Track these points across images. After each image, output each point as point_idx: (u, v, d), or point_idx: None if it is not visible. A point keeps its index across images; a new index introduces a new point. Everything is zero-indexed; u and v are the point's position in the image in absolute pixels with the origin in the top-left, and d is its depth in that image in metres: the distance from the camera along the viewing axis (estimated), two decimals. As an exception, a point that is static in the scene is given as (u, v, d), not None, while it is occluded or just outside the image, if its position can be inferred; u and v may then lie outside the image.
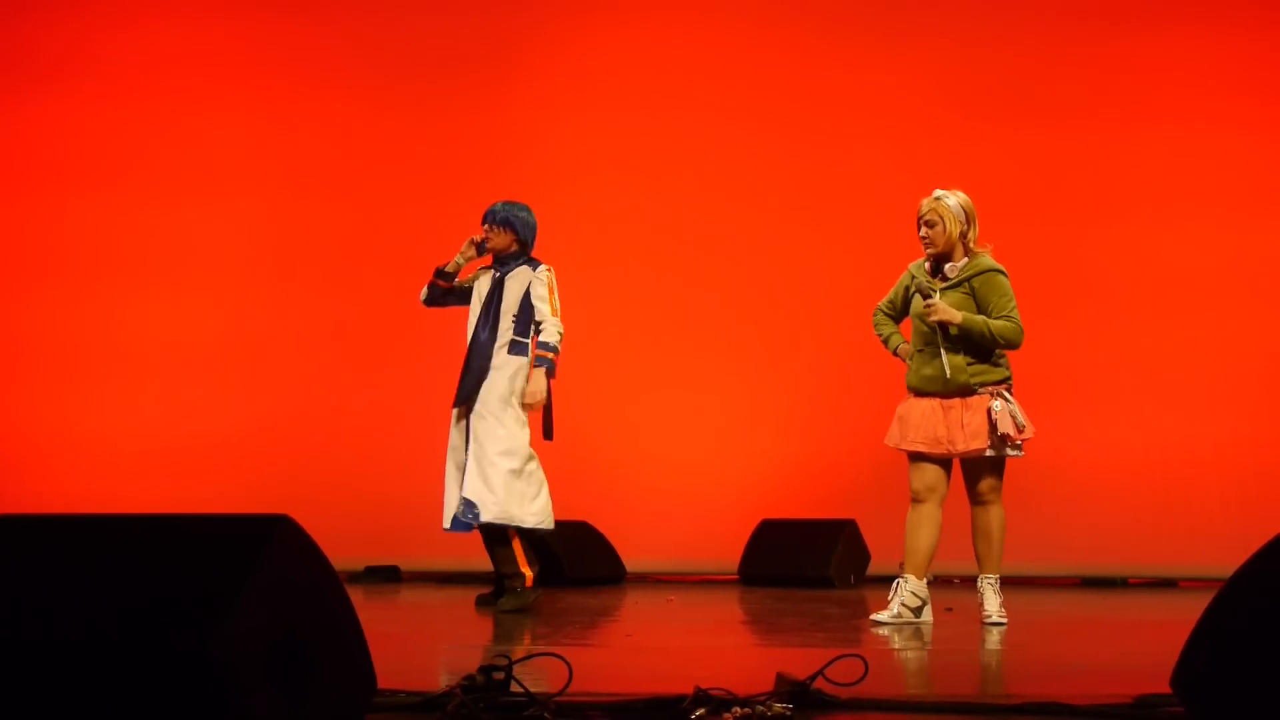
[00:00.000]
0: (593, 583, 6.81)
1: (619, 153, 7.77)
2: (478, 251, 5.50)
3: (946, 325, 4.68)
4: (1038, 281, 6.36)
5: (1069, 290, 7.28)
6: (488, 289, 5.47)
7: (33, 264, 7.96)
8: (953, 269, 4.79)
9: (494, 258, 5.50)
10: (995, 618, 4.68)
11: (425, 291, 5.60)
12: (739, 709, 2.45)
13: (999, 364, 4.78)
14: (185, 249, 7.88)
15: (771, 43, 7.79)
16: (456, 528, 5.30)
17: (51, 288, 7.92)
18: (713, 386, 7.60)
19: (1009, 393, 4.75)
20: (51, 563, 2.03)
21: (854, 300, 7.07)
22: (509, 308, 5.38)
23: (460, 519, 5.26)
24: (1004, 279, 4.77)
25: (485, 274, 5.53)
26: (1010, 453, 4.73)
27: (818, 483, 7.33)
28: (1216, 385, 7.21)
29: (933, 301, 4.69)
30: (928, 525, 4.75)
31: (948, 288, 4.78)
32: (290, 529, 2.06)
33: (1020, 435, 4.68)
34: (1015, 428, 4.66)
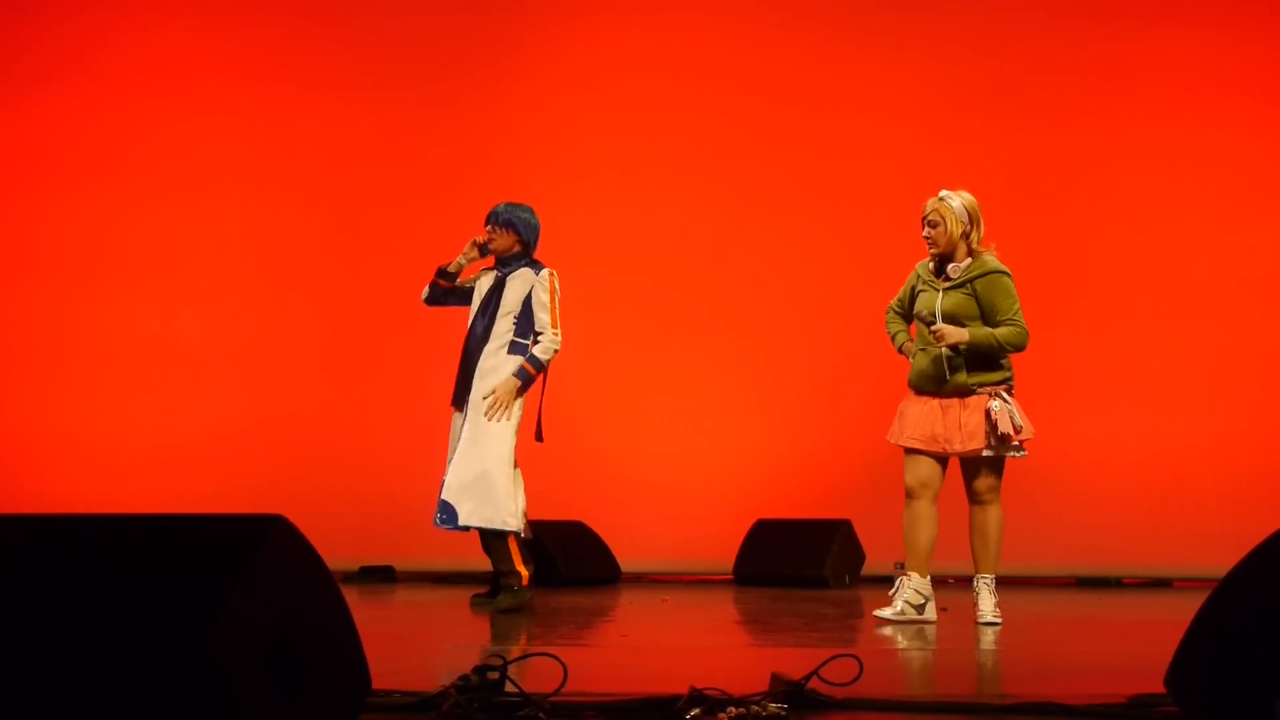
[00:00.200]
0: (588, 583, 6.81)
1: (616, 153, 7.77)
2: (480, 253, 5.47)
3: (956, 346, 4.70)
4: (1034, 281, 6.35)
5: (1065, 290, 7.28)
6: (488, 288, 5.44)
7: (31, 263, 7.96)
8: (956, 269, 4.80)
9: (496, 258, 5.48)
10: (990, 617, 4.69)
11: (426, 291, 5.57)
12: (734, 709, 2.45)
13: (999, 364, 4.79)
14: (182, 249, 7.89)
15: (770, 43, 7.79)
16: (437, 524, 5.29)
17: (49, 287, 7.92)
18: (708, 386, 7.61)
19: (1009, 393, 4.75)
20: (46, 563, 2.02)
21: (850, 301, 7.11)
22: (509, 309, 5.35)
23: (437, 523, 5.24)
24: (1008, 280, 4.78)
25: (487, 274, 5.51)
26: (1010, 453, 4.74)
27: (813, 483, 7.34)
28: (1212, 386, 7.22)
29: (937, 328, 4.70)
30: (925, 522, 4.78)
31: (950, 288, 4.79)
32: (285, 529, 2.06)
33: (1018, 435, 4.68)
34: (1013, 428, 4.66)
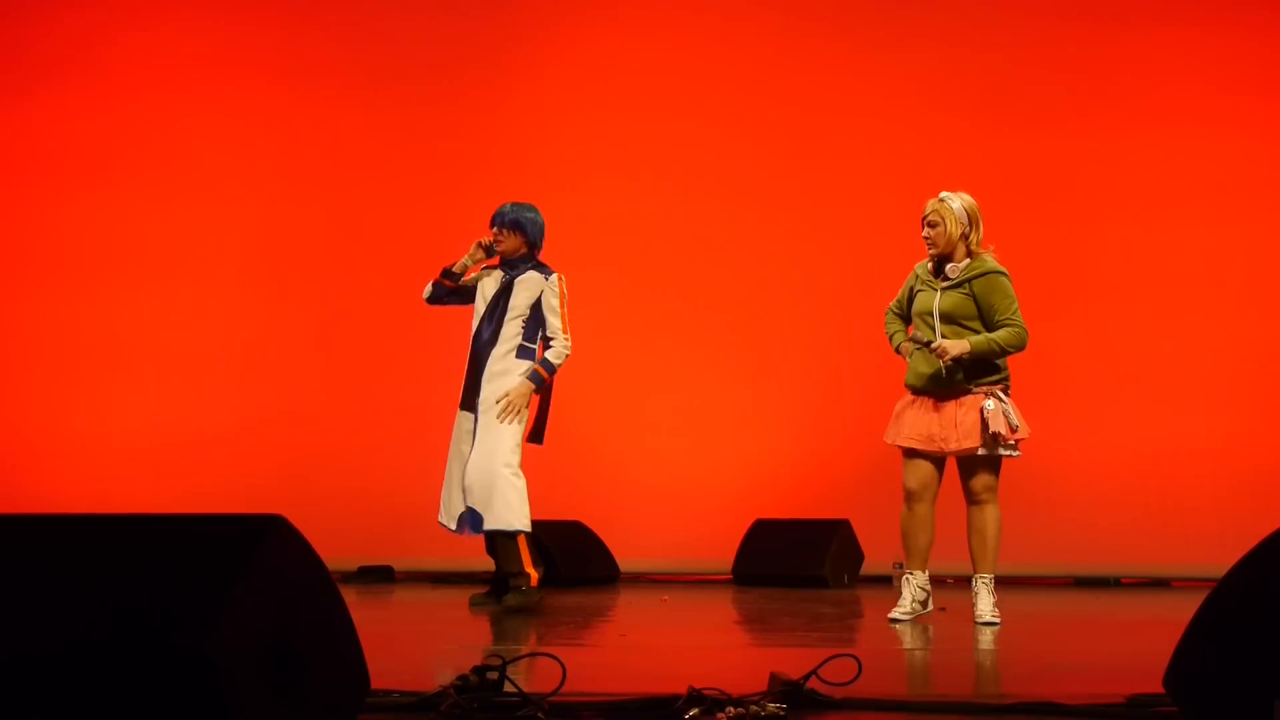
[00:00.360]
0: (587, 583, 6.81)
1: (614, 154, 7.77)
2: (486, 254, 5.43)
3: (959, 358, 4.71)
4: (1032, 281, 6.35)
5: (1064, 290, 7.28)
6: (494, 291, 5.38)
7: (31, 263, 7.96)
8: (954, 269, 4.82)
9: (501, 259, 5.45)
10: (988, 617, 4.69)
11: (429, 289, 5.51)
12: (733, 709, 2.45)
13: (995, 364, 4.79)
14: (181, 249, 7.88)
15: (769, 44, 7.79)
16: (462, 530, 5.32)
17: (49, 287, 7.92)
18: (707, 386, 7.60)
19: (1004, 392, 4.76)
20: (44, 563, 2.02)
21: (849, 301, 7.11)
22: (517, 312, 5.32)
23: (463, 527, 5.28)
24: (1006, 280, 4.79)
25: (490, 275, 5.45)
26: (1005, 453, 4.74)
27: (812, 483, 7.34)
28: (1210, 385, 7.22)
29: (937, 345, 4.72)
30: (925, 524, 4.82)
31: (949, 287, 4.81)
32: (283, 529, 2.06)
33: (1013, 435, 4.69)
34: (1008, 427, 4.67)
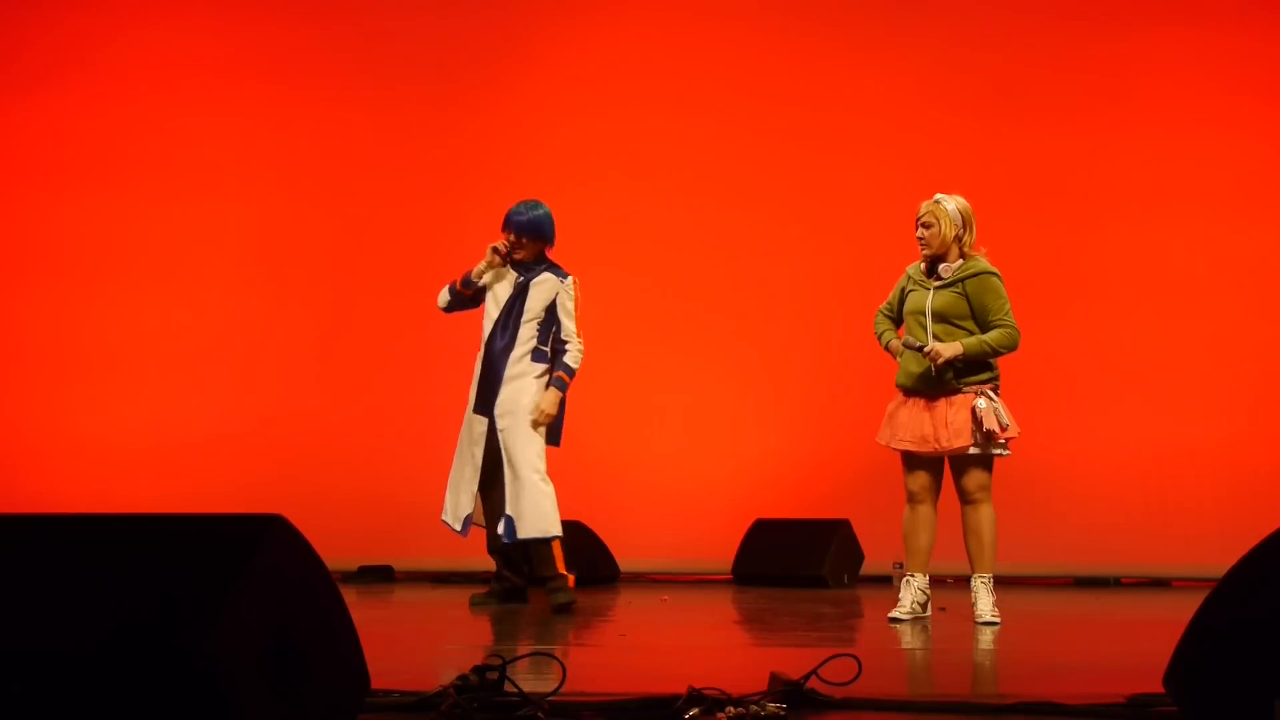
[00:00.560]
0: (587, 583, 6.80)
1: (614, 154, 7.76)
2: (503, 261, 5.36)
3: (953, 361, 4.72)
4: (1032, 281, 6.37)
5: (1063, 290, 7.28)
6: (508, 294, 5.34)
7: (31, 263, 7.95)
8: (947, 269, 4.86)
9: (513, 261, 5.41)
10: (988, 617, 4.69)
11: (448, 298, 5.46)
12: (732, 709, 2.45)
13: (986, 363, 4.82)
14: (181, 249, 7.88)
15: (769, 44, 7.79)
16: (466, 531, 5.33)
17: (48, 287, 7.91)
18: (707, 386, 7.60)
19: (994, 391, 4.80)
20: (44, 563, 2.02)
21: (849, 301, 7.10)
22: (533, 315, 5.29)
23: (467, 529, 5.29)
24: (997, 281, 4.83)
25: (503, 277, 5.40)
26: (996, 452, 4.76)
27: (812, 482, 7.34)
28: (1209, 385, 7.22)
29: (930, 349, 4.73)
30: (925, 525, 4.86)
31: (941, 287, 4.84)
32: (283, 528, 2.06)
33: (1004, 434, 4.71)
34: (999, 426, 4.69)
